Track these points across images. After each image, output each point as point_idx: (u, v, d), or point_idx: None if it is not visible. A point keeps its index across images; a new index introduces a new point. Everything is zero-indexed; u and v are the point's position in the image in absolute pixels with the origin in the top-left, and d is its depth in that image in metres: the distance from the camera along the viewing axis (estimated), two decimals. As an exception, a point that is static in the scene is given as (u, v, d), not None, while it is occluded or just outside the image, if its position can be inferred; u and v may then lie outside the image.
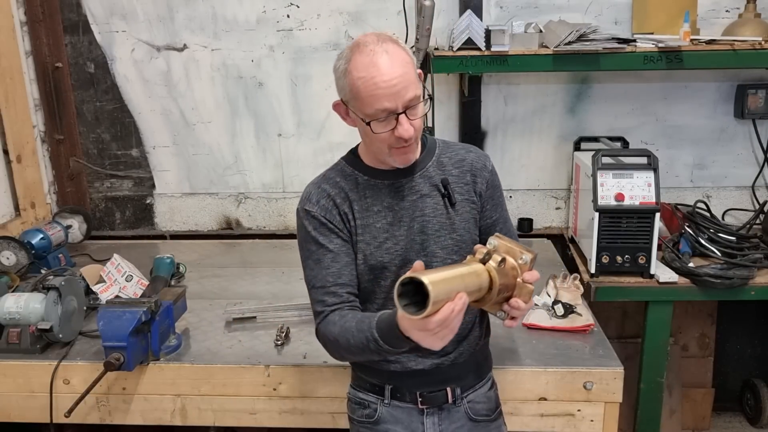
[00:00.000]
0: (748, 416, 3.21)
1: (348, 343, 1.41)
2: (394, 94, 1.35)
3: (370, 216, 1.51)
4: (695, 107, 2.87)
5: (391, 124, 1.38)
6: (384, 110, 1.36)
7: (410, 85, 1.37)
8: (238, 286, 2.57)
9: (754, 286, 2.34)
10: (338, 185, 1.53)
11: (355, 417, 1.65)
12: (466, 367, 1.60)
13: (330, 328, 1.46)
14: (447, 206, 1.52)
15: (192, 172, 3.14)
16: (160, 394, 1.98)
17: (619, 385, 1.88)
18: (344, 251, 1.50)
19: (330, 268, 1.49)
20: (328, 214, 1.50)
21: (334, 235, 1.50)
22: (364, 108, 1.38)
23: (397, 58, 1.37)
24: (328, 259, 1.49)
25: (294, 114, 3.03)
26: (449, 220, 1.52)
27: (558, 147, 2.96)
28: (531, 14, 2.78)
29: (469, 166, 1.56)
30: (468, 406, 1.61)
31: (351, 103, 1.42)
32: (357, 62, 1.37)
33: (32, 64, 3.02)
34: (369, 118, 1.38)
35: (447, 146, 1.60)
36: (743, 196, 2.96)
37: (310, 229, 1.50)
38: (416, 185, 1.52)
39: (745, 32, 2.53)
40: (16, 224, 2.88)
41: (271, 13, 2.91)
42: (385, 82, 1.34)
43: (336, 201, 1.51)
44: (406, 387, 1.58)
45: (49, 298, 1.99)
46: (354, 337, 1.39)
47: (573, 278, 2.32)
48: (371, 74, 1.35)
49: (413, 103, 1.38)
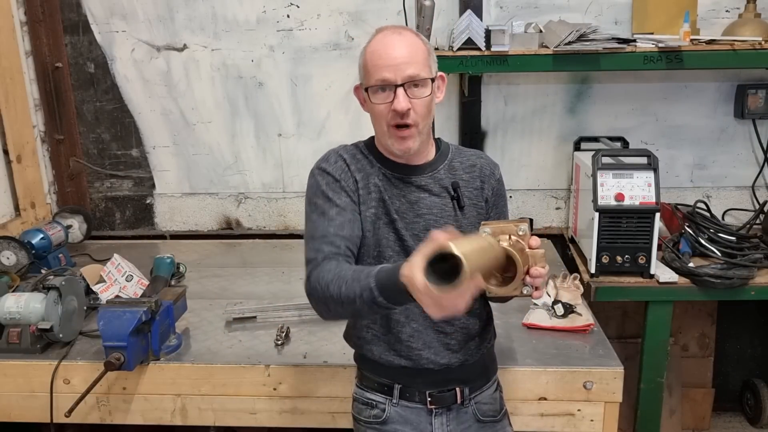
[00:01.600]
0: (748, 416, 3.21)
1: (339, 291, 1.31)
2: (394, 66, 1.41)
3: (377, 199, 1.52)
4: (695, 107, 2.87)
5: (389, 97, 1.43)
6: (383, 80, 1.42)
7: (414, 64, 1.43)
8: (238, 286, 2.57)
9: (754, 286, 2.34)
10: (355, 157, 1.56)
11: (362, 417, 1.64)
12: (475, 369, 1.62)
13: (323, 274, 1.37)
14: (456, 209, 1.54)
15: (192, 172, 3.14)
16: (161, 394, 1.98)
17: (619, 385, 1.88)
18: (351, 209, 1.49)
19: (334, 220, 1.46)
20: (344, 174, 1.52)
21: (344, 193, 1.50)
22: (369, 79, 1.46)
23: (408, 39, 1.45)
24: (333, 212, 1.47)
25: (294, 114, 3.03)
26: (456, 222, 1.53)
27: (558, 147, 2.96)
28: (531, 14, 2.78)
29: (479, 171, 1.59)
30: (476, 407, 1.62)
31: (363, 81, 1.49)
32: (373, 41, 1.48)
33: (32, 64, 3.02)
34: (367, 86, 1.46)
35: (459, 151, 1.63)
36: (743, 196, 2.96)
37: (322, 183, 1.51)
38: (426, 184, 1.54)
39: (745, 32, 2.53)
40: (16, 224, 2.88)
41: (271, 13, 2.91)
42: (388, 54, 1.42)
43: (350, 167, 1.54)
44: (416, 387, 1.58)
45: (49, 298, 1.99)
46: (347, 285, 1.30)
47: (573, 278, 2.33)
48: (379, 48, 1.44)
49: (414, 80, 1.42)
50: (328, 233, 1.44)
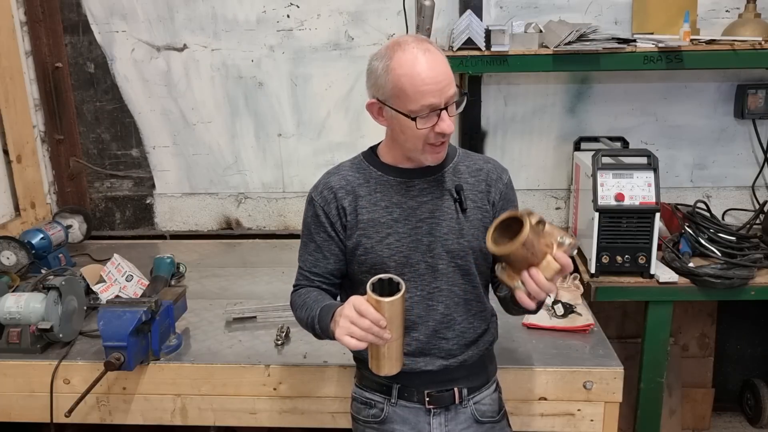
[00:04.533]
0: (748, 416, 3.21)
1: (300, 315, 1.58)
2: (439, 90, 1.40)
3: (377, 210, 1.53)
4: (695, 107, 2.87)
5: (432, 120, 1.42)
6: (429, 106, 1.40)
7: (451, 82, 1.43)
8: (238, 286, 2.57)
9: (754, 286, 2.34)
10: (346, 178, 1.57)
11: (361, 417, 1.66)
12: (474, 369, 1.62)
13: (295, 298, 1.63)
14: (458, 211, 1.54)
15: (192, 172, 3.14)
16: (161, 394, 1.98)
17: (619, 385, 1.88)
18: (326, 246, 1.58)
19: (311, 256, 1.61)
20: (326, 206, 1.56)
21: (322, 229, 1.58)
22: (409, 104, 1.41)
23: (438, 56, 1.42)
24: (311, 248, 1.61)
25: (294, 114, 3.03)
26: (458, 225, 1.53)
27: (558, 147, 2.96)
28: (531, 14, 2.78)
29: (485, 175, 1.59)
30: (474, 407, 1.62)
31: (391, 101, 1.44)
32: (400, 60, 1.40)
33: (32, 64, 3.02)
34: (414, 114, 1.41)
35: (467, 156, 1.63)
36: (743, 196, 2.96)
37: (307, 215, 1.61)
38: (428, 187, 1.54)
39: (745, 32, 2.53)
40: (16, 224, 2.88)
41: (271, 13, 2.91)
42: (431, 78, 1.39)
43: (338, 195, 1.55)
44: (414, 386, 1.59)
45: (49, 298, 1.99)
46: (304, 311, 1.55)
47: (573, 278, 2.33)
48: (417, 71, 1.39)
49: (453, 99, 1.44)
50: (304, 267, 1.63)
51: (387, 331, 1.34)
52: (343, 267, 1.60)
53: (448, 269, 1.54)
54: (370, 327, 1.33)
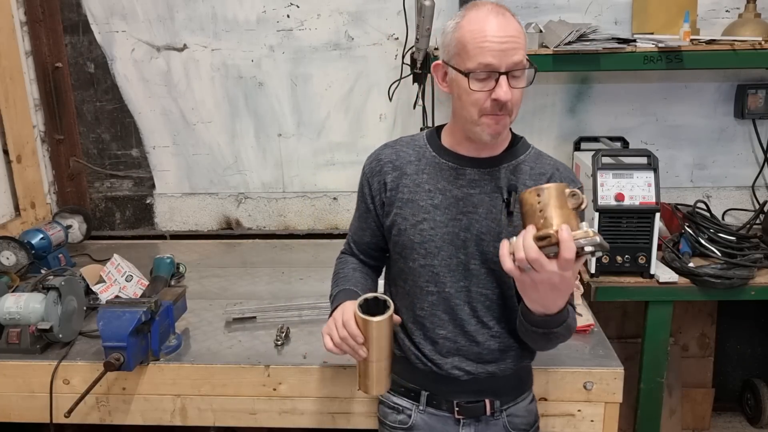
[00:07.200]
0: (748, 416, 3.22)
1: (332, 282, 1.63)
2: (500, 51, 1.29)
3: (419, 192, 1.46)
4: (695, 107, 2.87)
5: (489, 84, 1.32)
6: (487, 65, 1.30)
7: (519, 49, 1.31)
8: (238, 286, 2.57)
9: (754, 286, 2.34)
10: (398, 153, 1.51)
11: (387, 421, 1.61)
12: (507, 382, 1.55)
13: (336, 264, 1.70)
14: (503, 213, 1.42)
15: (192, 172, 3.14)
16: (160, 394, 1.98)
17: (619, 385, 1.88)
18: (364, 218, 1.60)
19: (356, 223, 1.64)
20: (371, 177, 1.54)
21: (363, 200, 1.58)
22: (467, 61, 1.32)
23: (512, 21, 1.33)
24: (356, 216, 1.64)
25: (294, 114, 3.03)
26: (498, 227, 1.42)
27: (558, 147, 2.96)
28: (531, 14, 2.78)
29: (546, 181, 1.43)
30: (507, 419, 1.55)
31: (454, 60, 1.35)
32: (471, 17, 1.33)
33: (32, 64, 3.02)
34: (469, 71, 1.32)
35: (538, 157, 1.49)
36: (743, 196, 2.96)
37: (360, 183, 1.60)
38: (479, 179, 1.43)
39: (745, 32, 2.53)
40: (16, 224, 2.88)
41: (271, 13, 2.91)
42: (495, 36, 1.29)
43: (384, 168, 1.51)
44: (443, 395, 1.53)
45: (49, 298, 1.99)
46: (333, 282, 1.62)
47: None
48: (482, 27, 1.30)
49: (518, 68, 1.32)
50: (350, 233, 1.68)
51: (363, 348, 1.37)
52: (380, 242, 1.58)
53: (480, 271, 1.44)
54: (346, 338, 1.38)
